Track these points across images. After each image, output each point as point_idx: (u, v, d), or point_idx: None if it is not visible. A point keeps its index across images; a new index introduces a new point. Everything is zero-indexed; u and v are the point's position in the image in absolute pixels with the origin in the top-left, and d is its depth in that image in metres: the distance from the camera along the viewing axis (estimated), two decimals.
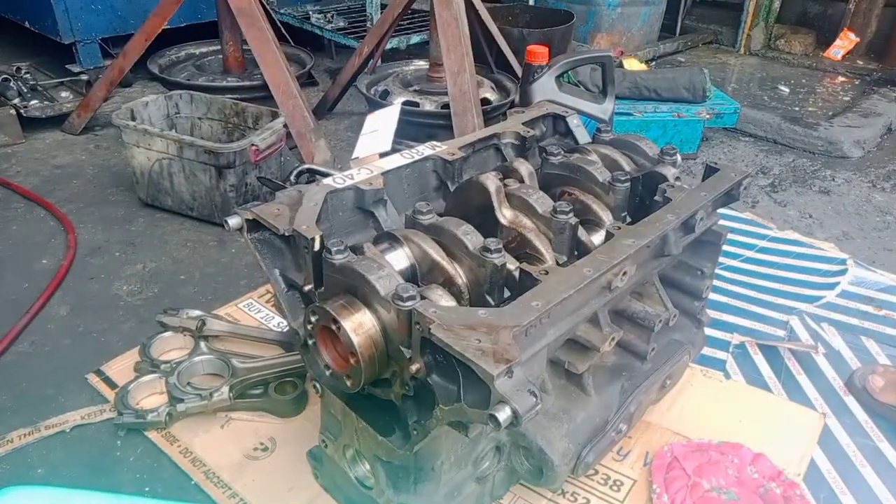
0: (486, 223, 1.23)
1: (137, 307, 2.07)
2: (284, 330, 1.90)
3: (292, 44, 3.91)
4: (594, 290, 1.14)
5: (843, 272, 2.30)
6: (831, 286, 2.24)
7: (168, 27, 3.17)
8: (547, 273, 1.08)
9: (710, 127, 3.38)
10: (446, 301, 1.09)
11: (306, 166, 2.30)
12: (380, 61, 3.52)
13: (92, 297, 2.10)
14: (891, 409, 1.72)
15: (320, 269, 1.12)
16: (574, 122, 1.65)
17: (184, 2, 2.99)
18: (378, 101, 3.07)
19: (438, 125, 2.98)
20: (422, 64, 3.59)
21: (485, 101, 3.09)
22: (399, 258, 1.16)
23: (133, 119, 2.51)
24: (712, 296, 1.83)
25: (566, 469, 1.29)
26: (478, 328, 0.93)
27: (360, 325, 1.03)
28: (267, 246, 1.21)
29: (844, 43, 4.75)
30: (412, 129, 2.88)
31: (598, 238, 1.27)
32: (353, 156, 1.98)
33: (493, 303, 1.11)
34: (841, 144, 3.45)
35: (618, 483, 1.52)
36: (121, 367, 1.77)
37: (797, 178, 3.19)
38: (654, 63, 4.58)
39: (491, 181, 1.25)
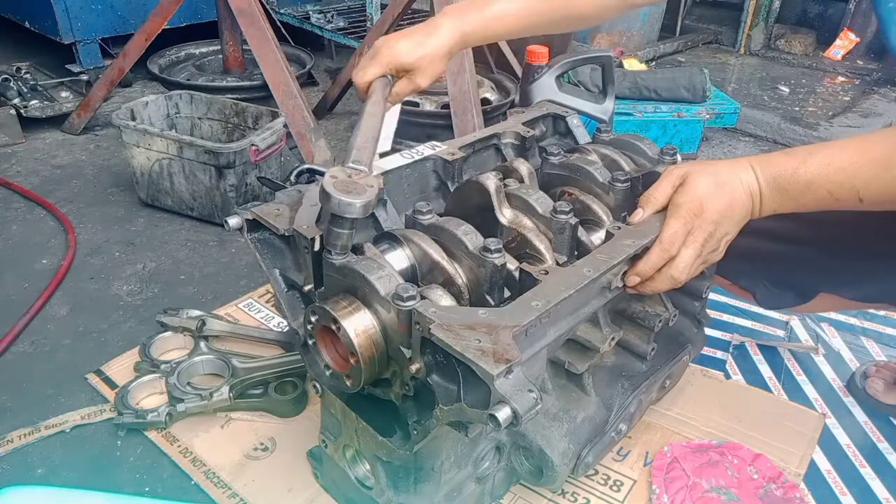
0: (486, 223, 1.23)
1: (137, 307, 2.07)
2: (284, 330, 1.90)
3: (292, 44, 3.91)
4: (594, 290, 1.14)
5: None
6: None
7: (168, 27, 3.16)
8: (547, 273, 1.08)
9: (710, 127, 3.37)
10: (446, 301, 1.08)
11: (306, 166, 2.29)
12: None
13: (92, 297, 2.10)
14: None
15: (320, 269, 1.12)
16: (574, 122, 1.65)
17: (184, 2, 2.99)
18: None
19: (438, 125, 2.98)
20: None
21: (485, 101, 3.08)
22: (399, 258, 1.15)
23: (133, 119, 2.51)
24: (712, 296, 1.83)
25: (566, 469, 1.29)
26: (478, 328, 0.93)
27: (360, 325, 1.03)
28: (267, 246, 1.21)
29: (844, 43, 4.75)
30: (412, 129, 2.88)
31: (598, 238, 1.27)
32: None
33: (493, 303, 1.11)
34: None
35: (618, 483, 1.52)
36: (121, 367, 1.77)
37: None
38: (654, 63, 4.57)
39: (491, 181, 1.25)
